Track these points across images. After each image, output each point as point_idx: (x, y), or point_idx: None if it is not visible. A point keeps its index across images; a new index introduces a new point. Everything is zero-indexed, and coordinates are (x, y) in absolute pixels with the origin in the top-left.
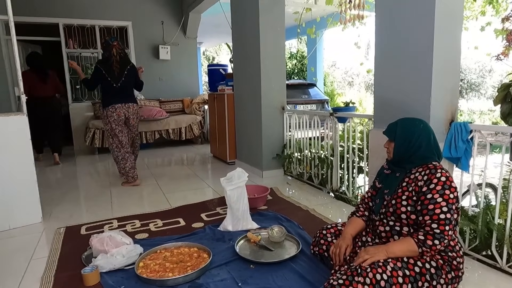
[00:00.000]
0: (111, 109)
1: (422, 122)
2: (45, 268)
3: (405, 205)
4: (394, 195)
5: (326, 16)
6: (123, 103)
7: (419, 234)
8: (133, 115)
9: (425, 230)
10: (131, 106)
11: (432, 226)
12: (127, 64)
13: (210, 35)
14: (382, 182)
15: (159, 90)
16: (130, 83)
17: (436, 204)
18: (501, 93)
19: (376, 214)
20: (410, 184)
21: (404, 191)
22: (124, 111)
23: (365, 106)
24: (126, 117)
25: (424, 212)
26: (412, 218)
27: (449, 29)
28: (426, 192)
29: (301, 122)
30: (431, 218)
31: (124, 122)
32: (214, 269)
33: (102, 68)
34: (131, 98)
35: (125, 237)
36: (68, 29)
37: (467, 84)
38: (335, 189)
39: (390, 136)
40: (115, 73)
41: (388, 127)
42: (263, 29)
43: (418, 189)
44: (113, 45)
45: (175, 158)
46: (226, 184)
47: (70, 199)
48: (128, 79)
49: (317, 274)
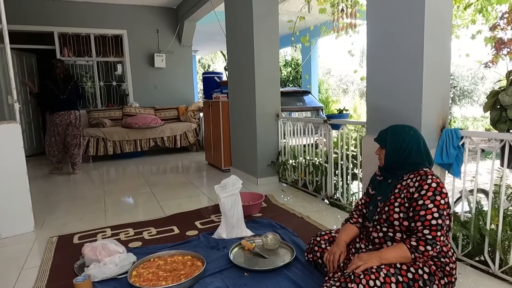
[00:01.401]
0: (56, 115)
1: (412, 128)
2: (36, 277)
3: (398, 212)
4: (387, 202)
5: (319, 24)
6: (66, 110)
7: (412, 240)
8: (74, 120)
9: (417, 236)
10: (73, 112)
11: (424, 232)
12: (70, 80)
13: (205, 43)
14: (375, 189)
15: (154, 98)
16: (73, 95)
17: (428, 210)
18: (491, 99)
19: (370, 221)
20: (402, 191)
21: (396, 197)
22: (67, 117)
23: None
24: (68, 122)
25: (416, 218)
26: (405, 225)
27: (439, 37)
28: (418, 198)
29: (296, 129)
30: (422, 224)
31: (66, 126)
32: (208, 277)
33: (50, 83)
34: (74, 107)
35: (118, 245)
36: (63, 38)
37: (460, 91)
38: (330, 196)
39: (381, 143)
40: (61, 87)
41: (379, 134)
42: (257, 37)
43: (410, 195)
44: (57, 66)
45: (170, 166)
46: (220, 191)
47: (63, 207)
48: (71, 92)
49: (311, 282)
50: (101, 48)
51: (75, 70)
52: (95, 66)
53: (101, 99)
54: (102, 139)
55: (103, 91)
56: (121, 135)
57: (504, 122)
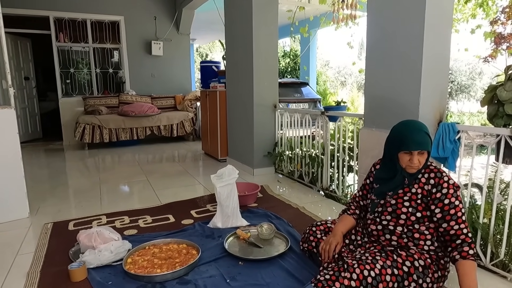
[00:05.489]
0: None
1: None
2: (31, 263)
3: (407, 206)
4: (394, 195)
5: (319, 15)
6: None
7: (464, 248)
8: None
9: (462, 239)
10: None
11: (463, 231)
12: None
13: (203, 32)
14: (383, 184)
15: (151, 86)
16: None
17: (457, 207)
18: (488, 94)
19: (372, 212)
20: (413, 185)
21: (406, 192)
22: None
23: (356, 106)
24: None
25: (447, 218)
26: (412, 220)
27: (439, 31)
28: (442, 198)
29: (293, 120)
30: (457, 223)
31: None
32: (202, 266)
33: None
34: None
35: (113, 232)
36: (58, 22)
37: (458, 86)
38: (325, 188)
39: (427, 147)
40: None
41: (420, 141)
42: (256, 26)
43: (426, 193)
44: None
45: (166, 155)
46: (217, 181)
47: (59, 194)
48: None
49: (305, 271)
50: (98, 34)
51: (71, 56)
52: (92, 52)
53: (97, 86)
54: (98, 126)
55: (100, 78)
56: (117, 123)
57: (501, 117)
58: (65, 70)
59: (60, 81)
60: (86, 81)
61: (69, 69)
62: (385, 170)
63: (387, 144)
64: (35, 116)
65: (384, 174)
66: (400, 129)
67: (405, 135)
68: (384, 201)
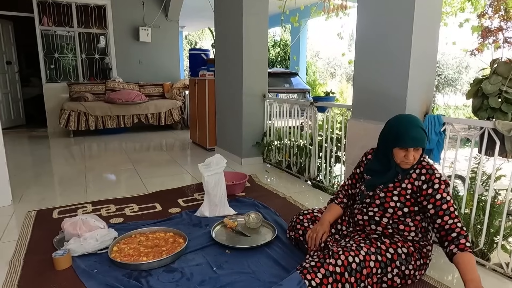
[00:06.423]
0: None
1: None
2: (14, 251)
3: (396, 200)
4: (384, 188)
5: (310, 4)
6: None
7: (461, 240)
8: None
9: (457, 232)
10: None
11: (458, 225)
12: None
13: (193, 19)
14: (375, 176)
15: (139, 73)
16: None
17: (448, 202)
18: (474, 87)
19: (360, 202)
20: (403, 180)
21: (396, 186)
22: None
23: (345, 97)
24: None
25: (440, 214)
26: (398, 214)
27: (428, 26)
28: (433, 193)
29: (282, 110)
30: (450, 217)
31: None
32: (189, 254)
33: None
34: None
35: (98, 221)
36: (42, 5)
37: (444, 79)
38: (313, 178)
39: (423, 144)
40: None
41: (416, 137)
42: (246, 14)
43: (416, 188)
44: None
45: (154, 143)
46: (204, 170)
47: (43, 182)
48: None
49: (291, 260)
50: (83, 18)
51: (55, 41)
52: (77, 37)
53: (83, 72)
54: (84, 113)
55: (85, 64)
56: (103, 110)
57: (485, 110)
58: (49, 55)
59: (44, 66)
60: (71, 67)
61: (54, 54)
62: (378, 163)
63: (381, 138)
64: (18, 101)
65: (377, 167)
66: (396, 125)
67: (401, 131)
68: (373, 193)
